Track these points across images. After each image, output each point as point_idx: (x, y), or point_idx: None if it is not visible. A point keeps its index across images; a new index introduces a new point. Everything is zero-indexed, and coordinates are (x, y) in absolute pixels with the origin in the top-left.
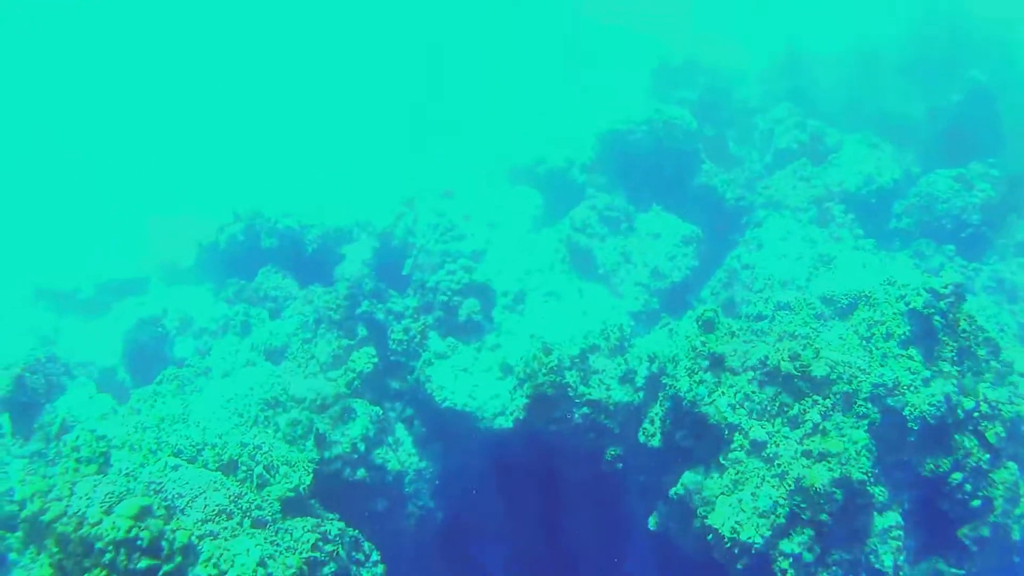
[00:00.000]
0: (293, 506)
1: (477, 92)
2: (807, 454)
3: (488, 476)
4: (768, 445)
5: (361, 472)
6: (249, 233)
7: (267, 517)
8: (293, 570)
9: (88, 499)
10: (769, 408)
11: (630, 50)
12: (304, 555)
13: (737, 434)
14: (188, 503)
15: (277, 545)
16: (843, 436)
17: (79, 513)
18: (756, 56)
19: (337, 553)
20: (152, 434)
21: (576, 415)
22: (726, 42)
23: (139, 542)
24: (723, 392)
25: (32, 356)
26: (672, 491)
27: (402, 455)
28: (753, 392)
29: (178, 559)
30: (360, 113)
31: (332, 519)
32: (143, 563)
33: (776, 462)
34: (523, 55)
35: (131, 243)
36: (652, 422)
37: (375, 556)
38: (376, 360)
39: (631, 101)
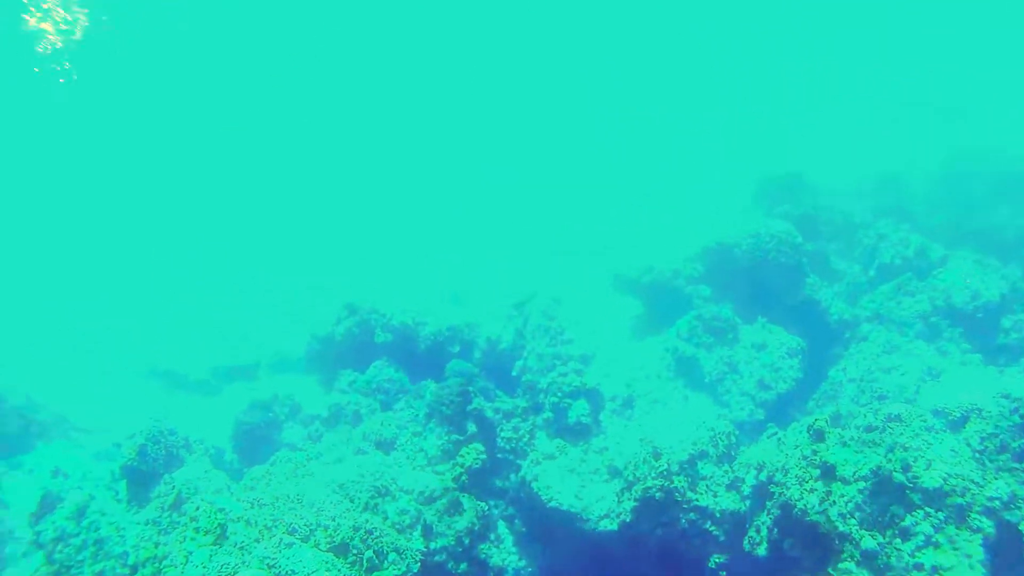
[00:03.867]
0: None
1: (579, 203)
2: (919, 567)
3: None
4: (879, 556)
5: (464, 566)
6: (364, 327)
7: None
8: None
9: (204, 568)
10: (880, 519)
11: (731, 159)
12: None
13: (847, 544)
14: None
15: None
16: (956, 549)
17: None
18: (860, 170)
19: None
20: (268, 511)
21: (683, 520)
22: (829, 155)
23: None
24: (834, 501)
25: (156, 428)
26: None
27: (503, 552)
28: (864, 502)
29: None
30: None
31: None
32: None
33: (887, 574)
34: (621, 163)
35: (243, 328)
36: (758, 530)
37: None
38: (484, 456)
39: (734, 212)
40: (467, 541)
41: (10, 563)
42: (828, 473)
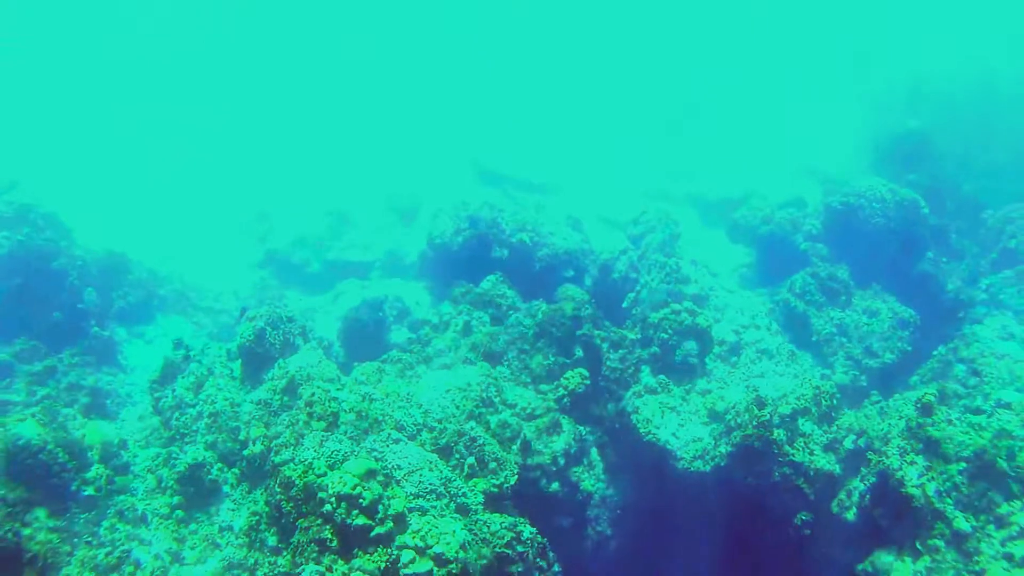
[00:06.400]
0: (493, 501)
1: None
2: (1008, 557)
3: (669, 516)
4: (970, 539)
5: (555, 485)
6: (481, 241)
7: (471, 506)
8: (486, 561)
9: (316, 452)
10: (976, 502)
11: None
12: (498, 549)
13: (940, 522)
14: (405, 476)
15: (475, 534)
16: None
17: (306, 462)
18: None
19: (527, 555)
20: (379, 406)
21: (776, 473)
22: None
23: (360, 500)
24: (933, 477)
25: (275, 313)
26: (859, 567)
27: (593, 478)
28: (963, 483)
29: (389, 524)
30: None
31: (524, 523)
32: (359, 520)
33: (975, 558)
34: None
35: (368, 223)
36: (850, 495)
37: (556, 568)
38: (588, 382)
39: (847, 166)
40: (562, 462)
41: (127, 424)
42: (931, 448)
